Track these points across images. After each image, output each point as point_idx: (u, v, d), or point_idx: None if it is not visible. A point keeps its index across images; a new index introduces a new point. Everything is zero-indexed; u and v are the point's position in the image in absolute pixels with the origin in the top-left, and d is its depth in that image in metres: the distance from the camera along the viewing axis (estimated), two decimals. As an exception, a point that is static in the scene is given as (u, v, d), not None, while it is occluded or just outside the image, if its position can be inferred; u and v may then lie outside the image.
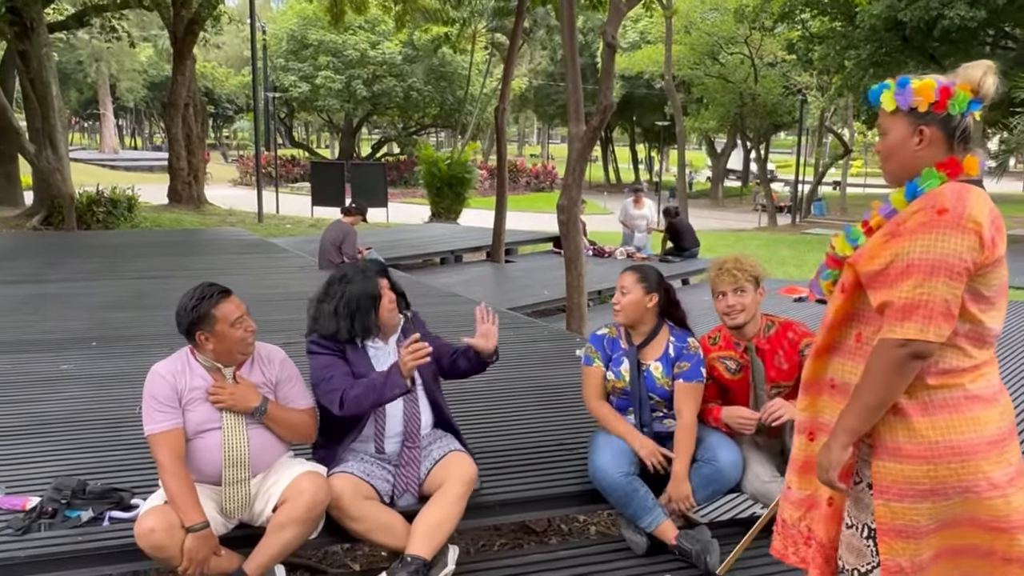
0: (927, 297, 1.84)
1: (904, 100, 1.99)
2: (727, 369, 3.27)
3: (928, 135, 1.97)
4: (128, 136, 68.78)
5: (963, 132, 1.98)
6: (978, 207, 1.87)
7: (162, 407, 2.72)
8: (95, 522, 2.95)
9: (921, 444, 1.93)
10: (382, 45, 34.63)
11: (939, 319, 1.84)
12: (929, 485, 1.94)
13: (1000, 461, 1.96)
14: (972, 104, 1.97)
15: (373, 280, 3.06)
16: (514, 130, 74.32)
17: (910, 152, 2.00)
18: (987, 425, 1.94)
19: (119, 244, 11.87)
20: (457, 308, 7.33)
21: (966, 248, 1.84)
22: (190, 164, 20.07)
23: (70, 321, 6.47)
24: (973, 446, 1.93)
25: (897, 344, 1.87)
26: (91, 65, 45.57)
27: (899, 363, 1.87)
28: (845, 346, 2.08)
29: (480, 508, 3.23)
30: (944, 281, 1.83)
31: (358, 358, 3.06)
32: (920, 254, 1.85)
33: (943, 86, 1.96)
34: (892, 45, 21.07)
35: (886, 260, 1.91)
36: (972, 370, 1.95)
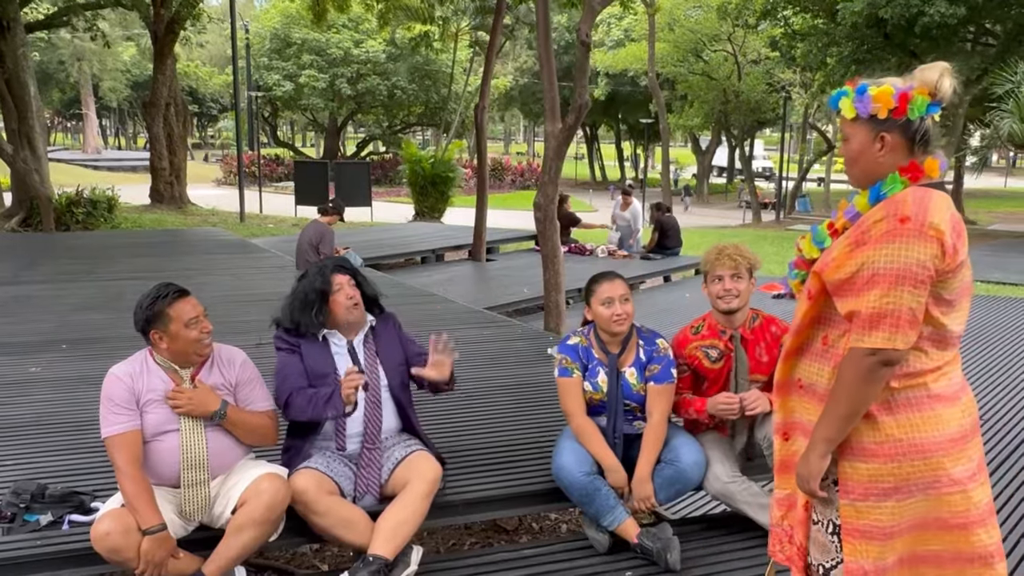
0: (893, 306, 1.87)
1: (864, 108, 2.00)
2: (707, 357, 3.28)
3: (889, 141, 1.99)
4: (112, 136, 68.38)
5: (923, 135, 2.00)
6: (939, 214, 1.89)
7: (119, 409, 2.71)
8: (54, 526, 2.93)
9: (886, 443, 1.97)
10: (365, 43, 34.55)
11: (905, 327, 1.88)
12: (893, 483, 1.97)
13: (961, 457, 1.99)
14: (930, 107, 1.99)
15: (326, 275, 3.09)
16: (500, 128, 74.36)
17: (872, 158, 2.01)
18: (949, 423, 1.98)
19: (97, 245, 11.79)
20: (434, 307, 7.33)
21: (928, 256, 1.86)
22: (172, 164, 19.97)
23: (42, 323, 6.43)
24: (936, 443, 1.97)
25: (866, 353, 1.90)
26: (73, 64, 45.26)
27: (869, 371, 1.91)
28: (812, 349, 2.12)
29: (447, 507, 3.23)
30: (909, 290, 1.87)
31: (316, 353, 3.07)
32: (885, 264, 1.88)
33: (901, 92, 1.97)
34: (874, 42, 21.19)
35: (852, 269, 1.93)
36: (934, 370, 1.99)
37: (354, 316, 3.13)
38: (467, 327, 6.49)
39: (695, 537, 3.25)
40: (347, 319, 3.11)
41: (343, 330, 3.15)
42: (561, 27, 35.02)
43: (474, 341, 6.00)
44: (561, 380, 3.28)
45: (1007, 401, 5.74)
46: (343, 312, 3.09)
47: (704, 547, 3.18)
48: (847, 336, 1.98)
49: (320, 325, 3.09)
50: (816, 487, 2.03)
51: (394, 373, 3.19)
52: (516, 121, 73.66)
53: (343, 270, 3.15)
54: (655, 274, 11.90)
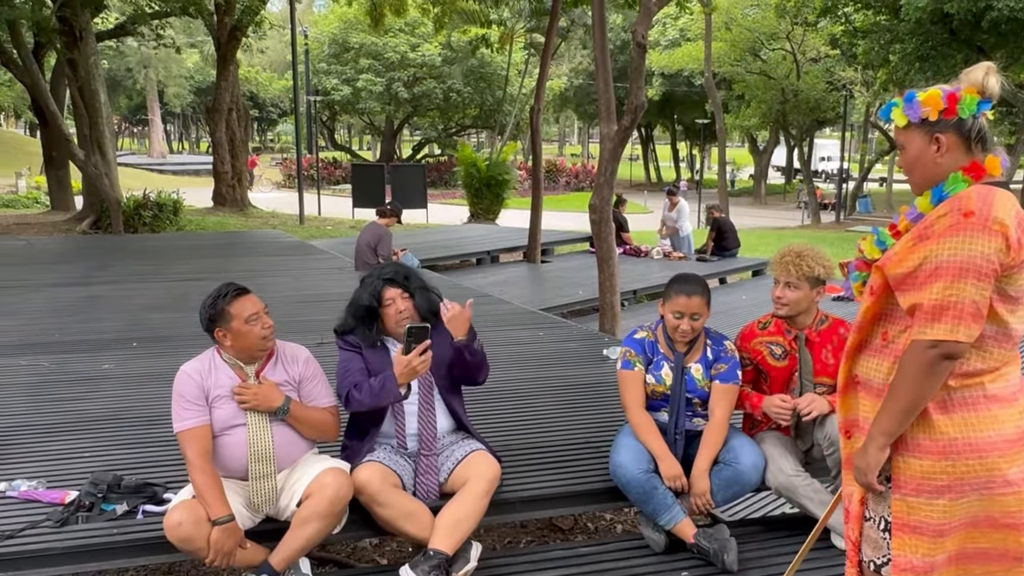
0: (956, 298, 1.87)
1: (914, 113, 2.02)
2: (771, 354, 3.27)
3: (945, 142, 2.00)
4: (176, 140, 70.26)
5: (979, 133, 2.00)
6: (1004, 209, 1.89)
7: (190, 405, 2.82)
8: (129, 515, 3.05)
9: (940, 441, 1.97)
10: (421, 47, 34.86)
11: (968, 320, 1.88)
12: (946, 481, 1.97)
13: (1017, 459, 1.98)
14: (981, 104, 1.99)
15: (375, 291, 3.12)
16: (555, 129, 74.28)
17: (931, 161, 2.02)
18: (1006, 424, 1.97)
19: (163, 247, 12.16)
20: (490, 309, 7.39)
21: (993, 250, 1.86)
22: (234, 168, 20.45)
23: (112, 322, 6.67)
24: (992, 444, 1.96)
25: (928, 345, 1.90)
26: (140, 72, 46.66)
27: (931, 364, 1.90)
28: (872, 345, 2.12)
29: (503, 505, 3.27)
30: (972, 282, 1.87)
31: (376, 357, 3.14)
32: (948, 256, 1.88)
33: (949, 93, 1.98)
34: (938, 38, 20.64)
35: (915, 263, 1.94)
36: (993, 371, 1.98)
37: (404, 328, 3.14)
38: (522, 328, 6.53)
39: (752, 539, 3.23)
40: (399, 331, 3.11)
41: (397, 337, 3.17)
42: (616, 27, 34.88)
43: (529, 342, 6.05)
44: (623, 373, 3.30)
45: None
46: (393, 325, 3.14)
47: (761, 549, 3.16)
48: (908, 332, 1.98)
49: (372, 337, 3.14)
50: (873, 480, 2.03)
51: (446, 377, 3.23)
52: (571, 123, 73.54)
53: (394, 283, 3.14)
54: (711, 276, 11.79)
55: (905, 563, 2.03)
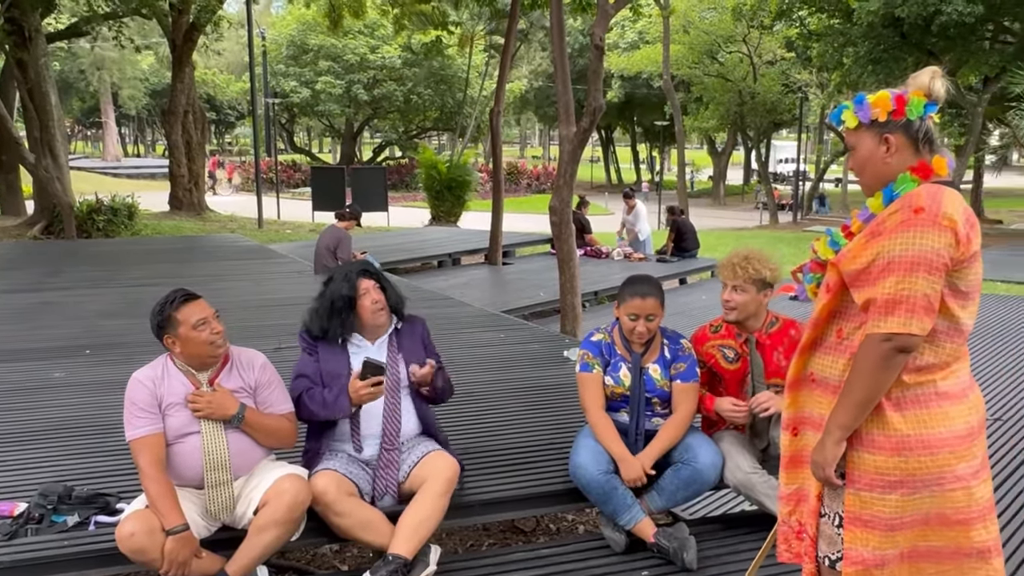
0: (908, 292, 1.92)
1: (864, 114, 2.08)
2: (724, 358, 3.31)
3: (894, 142, 2.06)
4: (131, 144, 68.99)
5: (926, 134, 2.07)
6: (952, 206, 1.95)
7: (142, 413, 2.77)
8: (81, 527, 2.99)
9: (893, 437, 2.01)
10: (381, 49, 34.68)
11: (921, 313, 1.93)
12: (899, 477, 2.02)
13: (966, 455, 2.04)
14: (928, 107, 2.06)
15: (352, 281, 3.14)
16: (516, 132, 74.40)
17: (881, 161, 2.08)
18: (956, 420, 2.02)
19: (118, 252, 11.93)
20: (450, 311, 7.37)
21: (943, 244, 1.92)
22: (191, 171, 20.15)
23: (65, 329, 6.53)
24: (943, 440, 2.01)
25: (882, 339, 1.95)
26: (93, 73, 45.72)
27: (885, 357, 1.95)
28: (827, 342, 2.16)
29: (464, 507, 3.27)
30: (924, 276, 1.92)
31: (332, 354, 3.12)
32: (900, 251, 1.93)
33: (897, 95, 2.05)
34: (890, 41, 21.05)
35: (868, 259, 1.99)
36: (944, 367, 2.03)
37: (379, 320, 3.17)
38: (483, 330, 6.52)
39: (712, 537, 3.26)
40: (373, 323, 3.16)
41: (367, 333, 3.20)
42: (575, 30, 35.02)
43: (490, 344, 6.04)
44: (581, 375, 3.32)
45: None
46: (369, 316, 3.14)
47: (720, 547, 3.19)
48: (862, 329, 2.02)
49: (348, 329, 3.14)
50: (831, 474, 2.07)
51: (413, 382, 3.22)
52: (531, 125, 73.70)
53: (368, 274, 3.20)
54: (671, 276, 11.89)
55: (856, 556, 2.07)
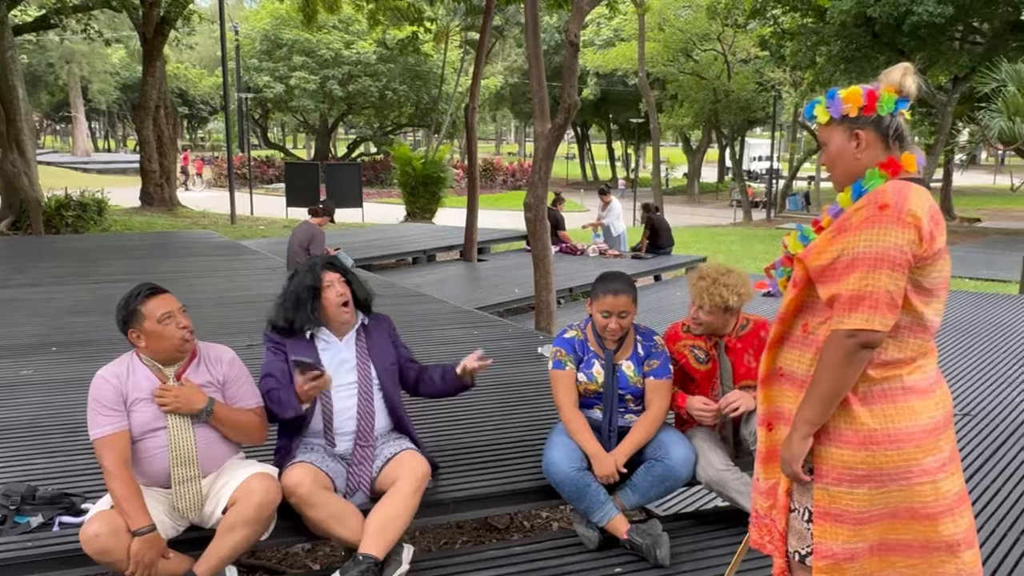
0: (872, 288, 1.94)
1: (836, 109, 2.10)
2: (695, 358, 3.32)
3: (864, 138, 2.08)
4: (101, 138, 68.06)
5: (896, 131, 2.09)
6: (917, 202, 1.97)
7: (106, 411, 2.72)
8: (45, 528, 2.93)
9: (860, 431, 2.03)
10: (356, 45, 34.47)
11: (884, 309, 1.94)
12: (866, 471, 2.03)
13: (933, 449, 2.05)
14: (899, 103, 2.08)
15: (317, 272, 3.13)
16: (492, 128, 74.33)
17: (851, 157, 2.10)
18: (922, 415, 2.04)
19: (86, 248, 11.76)
20: (425, 308, 7.34)
21: (906, 241, 1.94)
22: (162, 166, 19.92)
23: (32, 326, 6.41)
24: (908, 435, 2.03)
25: (847, 334, 1.96)
26: (62, 67, 45.03)
27: (850, 352, 1.97)
28: (794, 337, 2.17)
29: (438, 505, 3.25)
30: (887, 273, 1.93)
31: (301, 350, 3.09)
32: (864, 248, 1.95)
33: (869, 91, 2.07)
34: (862, 41, 21.27)
35: (833, 255, 2.01)
36: (910, 362, 2.05)
37: (344, 314, 3.15)
38: (458, 327, 6.50)
39: (684, 533, 3.27)
40: (338, 317, 3.14)
41: (333, 328, 3.17)
42: (550, 27, 35.04)
43: (464, 341, 6.01)
44: (554, 372, 3.31)
45: (995, 395, 5.78)
46: (333, 309, 3.11)
47: (693, 543, 3.20)
48: (827, 323, 2.04)
49: (315, 321, 3.11)
50: (799, 469, 2.08)
51: (386, 373, 3.21)
52: (507, 121, 73.65)
53: (333, 268, 3.19)
54: (645, 273, 11.93)
55: (826, 551, 2.08)
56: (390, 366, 3.24)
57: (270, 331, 3.16)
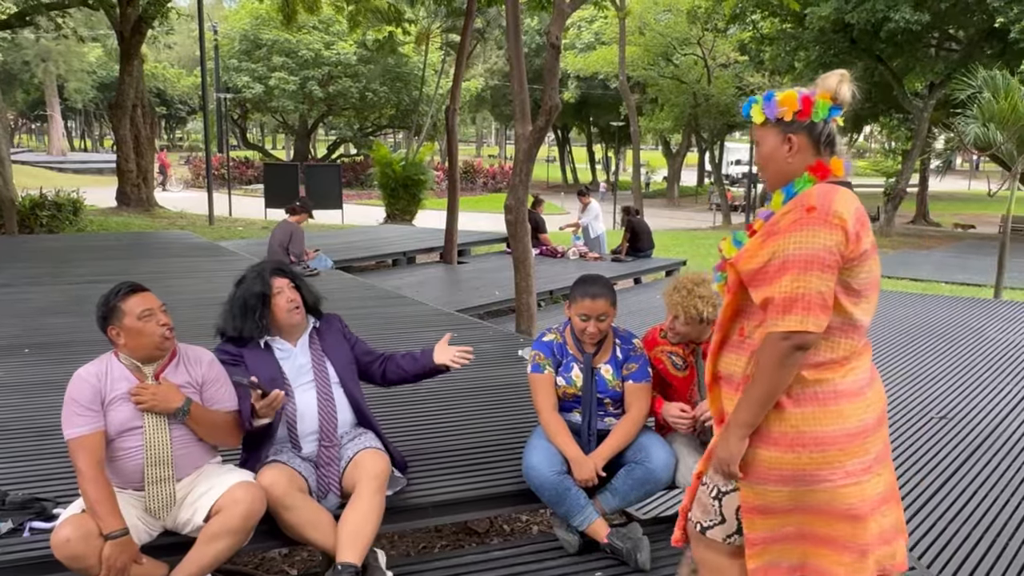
0: (804, 290, 1.97)
1: (771, 111, 2.15)
2: (673, 364, 3.31)
3: (796, 142, 2.13)
4: (77, 138, 67.33)
5: (828, 137, 2.14)
6: (843, 204, 2.01)
7: (83, 410, 2.68)
8: (15, 533, 2.87)
9: (789, 433, 2.07)
10: (336, 45, 34.31)
11: (816, 310, 1.98)
12: (791, 471, 2.08)
13: (859, 452, 2.09)
14: (832, 110, 2.13)
15: (265, 279, 3.08)
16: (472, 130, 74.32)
17: (783, 159, 2.15)
18: (850, 419, 2.07)
19: (61, 248, 11.60)
20: (405, 310, 7.30)
21: (834, 242, 1.98)
22: (139, 166, 19.73)
23: (4, 328, 6.30)
24: (833, 438, 2.06)
25: (781, 337, 1.99)
26: (38, 65, 44.47)
27: (784, 355, 2.00)
28: (731, 341, 2.21)
29: (417, 510, 3.22)
30: (817, 274, 1.97)
31: (260, 360, 3.05)
32: (794, 250, 1.99)
33: (804, 96, 2.11)
34: (840, 46, 21.48)
35: (764, 258, 2.05)
36: (843, 363, 2.09)
37: (295, 319, 3.11)
38: (437, 329, 6.46)
39: (665, 537, 3.24)
40: (288, 322, 3.10)
41: (285, 334, 3.14)
42: (531, 30, 35.09)
43: (445, 343, 5.98)
44: (533, 376, 3.29)
45: (970, 399, 5.84)
46: (284, 315, 3.08)
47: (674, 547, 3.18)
48: (762, 326, 2.07)
49: (263, 329, 3.07)
50: (736, 469, 2.12)
51: (344, 370, 3.20)
52: (488, 124, 73.66)
53: (282, 273, 3.14)
54: (625, 276, 11.96)
55: (756, 538, 2.17)
56: (348, 363, 3.23)
57: (224, 343, 3.10)
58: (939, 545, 3.61)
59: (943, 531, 3.75)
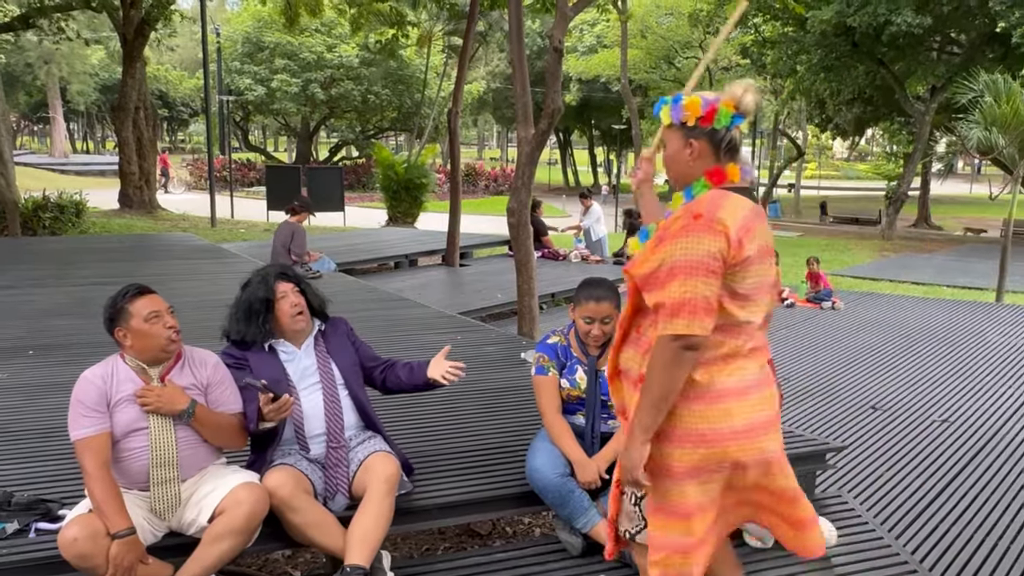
0: (690, 295, 2.05)
1: (677, 115, 2.23)
2: None
3: (697, 147, 2.21)
4: (80, 140, 67.42)
5: (729, 144, 2.22)
6: (728, 211, 2.09)
7: (89, 412, 2.70)
8: (21, 534, 2.89)
9: (679, 429, 2.15)
10: (339, 48, 34.36)
11: (701, 314, 2.06)
12: (687, 468, 2.16)
13: (750, 449, 2.16)
14: (735, 119, 2.21)
15: (269, 283, 3.09)
16: (474, 133, 74.36)
17: (684, 162, 2.24)
18: (736, 417, 2.14)
19: (65, 250, 11.63)
20: (407, 313, 7.32)
21: (717, 248, 2.06)
22: (141, 168, 19.75)
23: (8, 330, 6.32)
24: (721, 435, 2.14)
25: (671, 339, 2.08)
26: (40, 67, 44.54)
27: (675, 356, 2.08)
28: (631, 337, 2.32)
29: (421, 512, 3.23)
30: (702, 279, 2.05)
31: (264, 363, 3.07)
32: (681, 256, 2.07)
33: (709, 103, 2.19)
34: (842, 50, 21.49)
35: (654, 264, 2.14)
36: (727, 361, 2.16)
37: (299, 324, 3.12)
38: (440, 332, 6.48)
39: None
40: (292, 327, 3.11)
41: (289, 338, 3.15)
42: (533, 32, 35.12)
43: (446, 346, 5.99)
44: (537, 378, 3.31)
45: (972, 402, 5.85)
46: (288, 320, 3.09)
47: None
48: (654, 325, 2.14)
49: (267, 334, 3.09)
50: (640, 475, 2.18)
51: (350, 373, 3.22)
52: (489, 126, 73.69)
53: (286, 277, 3.15)
54: (628, 279, 11.95)
55: (659, 543, 2.21)
56: (352, 365, 3.24)
57: (229, 347, 3.13)
58: (941, 548, 3.62)
59: (945, 534, 3.76)
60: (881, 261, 17.53)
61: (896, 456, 4.79)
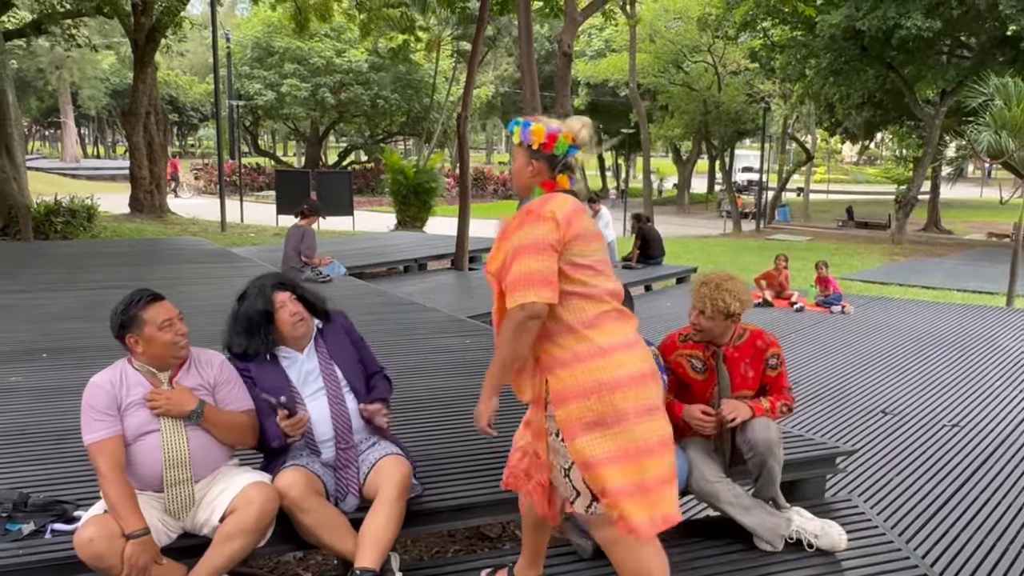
0: (527, 270, 2.39)
1: (524, 137, 2.54)
2: (692, 368, 3.32)
3: (536, 167, 2.56)
4: (90, 145, 67.80)
5: (564, 165, 2.55)
6: (555, 204, 2.45)
7: (100, 416, 2.73)
8: (37, 535, 2.91)
9: (581, 384, 2.42)
10: (348, 53, 34.52)
11: (538, 285, 2.39)
12: (593, 418, 2.40)
13: (640, 396, 2.42)
14: (571, 148, 2.54)
15: (267, 294, 3.10)
16: (482, 137, 74.46)
17: (526, 176, 2.58)
18: (625, 365, 2.43)
19: (76, 254, 11.71)
20: (417, 316, 7.34)
21: (547, 231, 2.42)
22: (152, 173, 19.87)
23: (21, 333, 6.38)
24: (616, 381, 2.40)
25: (517, 309, 2.39)
26: (52, 73, 44.84)
27: (519, 324, 2.40)
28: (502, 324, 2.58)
29: (430, 514, 3.24)
30: (535, 256, 2.40)
31: (267, 372, 3.09)
32: (518, 242, 2.43)
33: (551, 132, 2.51)
34: (851, 54, 21.45)
35: (502, 257, 2.49)
36: (597, 324, 2.46)
37: (300, 330, 3.13)
38: (450, 336, 6.51)
39: (675, 542, 3.27)
40: (293, 335, 3.11)
41: (291, 344, 3.16)
42: (541, 37, 35.18)
43: (457, 349, 6.02)
44: None
45: (982, 407, 5.84)
46: (289, 328, 3.10)
47: (685, 552, 3.21)
48: None
49: (270, 345, 3.10)
50: (484, 424, 2.59)
51: (351, 371, 3.22)
52: (498, 131, 73.77)
53: (283, 286, 3.16)
54: (636, 283, 11.96)
55: (615, 488, 2.40)
56: (355, 363, 3.24)
57: (230, 359, 3.13)
58: (951, 552, 3.62)
59: (955, 539, 3.75)
60: (891, 265, 17.47)
61: (906, 460, 4.78)
